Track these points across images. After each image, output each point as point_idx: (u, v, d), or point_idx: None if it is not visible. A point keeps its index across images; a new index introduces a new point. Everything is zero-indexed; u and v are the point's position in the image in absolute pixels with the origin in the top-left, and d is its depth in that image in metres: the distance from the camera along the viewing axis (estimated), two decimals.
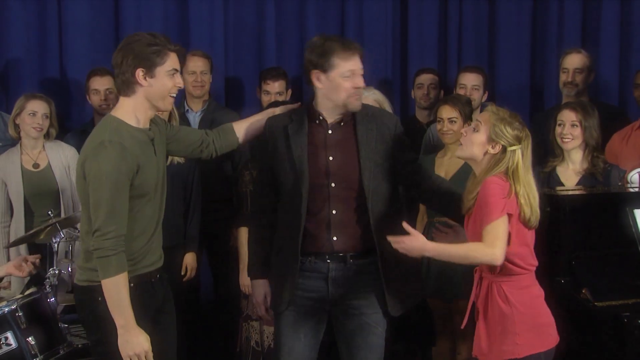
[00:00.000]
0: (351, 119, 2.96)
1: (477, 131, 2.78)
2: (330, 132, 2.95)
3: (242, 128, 3.10)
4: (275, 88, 4.38)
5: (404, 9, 5.17)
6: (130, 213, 2.71)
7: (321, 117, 2.95)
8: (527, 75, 5.22)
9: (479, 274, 2.83)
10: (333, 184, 2.91)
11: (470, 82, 4.34)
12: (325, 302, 2.96)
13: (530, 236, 2.78)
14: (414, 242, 2.70)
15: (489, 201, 2.66)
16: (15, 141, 4.08)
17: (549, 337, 2.78)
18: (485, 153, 2.76)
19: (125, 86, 2.74)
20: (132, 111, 2.75)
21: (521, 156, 2.73)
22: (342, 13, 5.10)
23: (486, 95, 4.39)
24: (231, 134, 3.08)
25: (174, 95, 2.81)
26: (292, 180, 2.90)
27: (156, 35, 2.77)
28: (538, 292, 2.80)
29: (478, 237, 2.70)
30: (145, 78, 2.71)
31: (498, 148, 2.74)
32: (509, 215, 2.68)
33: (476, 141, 2.77)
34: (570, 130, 3.65)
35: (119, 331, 2.64)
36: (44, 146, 4.04)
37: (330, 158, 2.92)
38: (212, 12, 4.83)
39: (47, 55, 4.65)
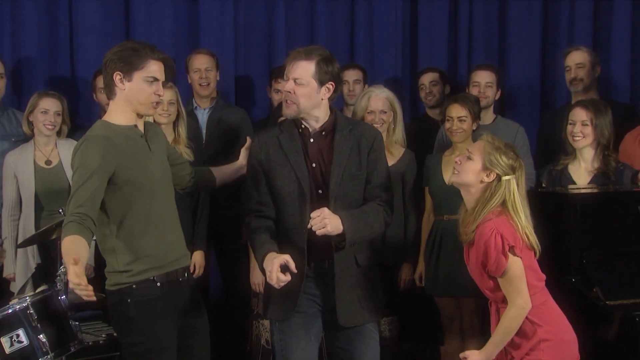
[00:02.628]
0: (332, 129, 2.98)
1: (471, 159, 2.77)
2: (312, 140, 2.96)
3: (219, 170, 3.21)
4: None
5: (414, 8, 5.17)
6: (132, 210, 2.75)
7: (303, 126, 2.97)
8: (538, 74, 5.21)
9: (495, 306, 2.81)
10: (320, 191, 2.93)
11: (483, 80, 4.33)
12: (327, 307, 2.97)
13: (532, 256, 2.76)
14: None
15: (491, 253, 2.65)
16: (28, 137, 4.10)
17: (572, 357, 2.74)
18: (481, 182, 2.75)
19: (108, 89, 2.83)
20: (116, 112, 2.82)
21: (516, 186, 2.72)
22: (351, 12, 5.10)
23: (499, 93, 4.39)
24: (208, 173, 3.19)
25: (155, 103, 2.83)
26: (292, 183, 2.91)
27: (143, 44, 2.83)
28: (555, 307, 2.77)
29: (480, 273, 2.72)
30: (122, 81, 2.77)
31: (492, 176, 2.73)
32: (511, 248, 2.66)
33: (471, 169, 2.76)
34: (581, 128, 3.64)
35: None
36: (56, 143, 4.07)
37: (313, 165, 2.95)
38: (222, 11, 4.84)
39: (57, 54, 4.67)
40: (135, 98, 2.78)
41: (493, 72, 4.37)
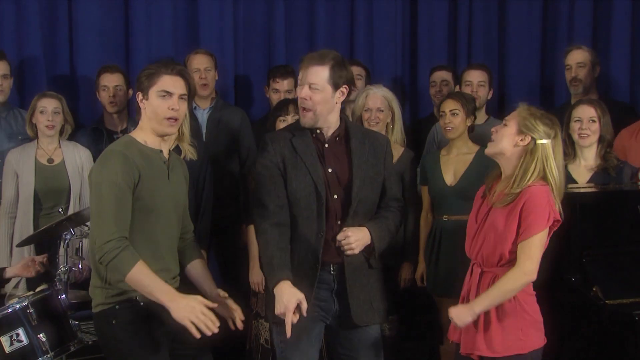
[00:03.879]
0: (345, 134, 2.99)
1: (506, 126, 2.80)
2: (326, 145, 2.96)
3: (203, 274, 3.06)
4: (284, 86, 4.39)
5: (414, 7, 5.18)
6: (141, 232, 2.72)
7: (318, 131, 2.96)
8: (537, 73, 5.22)
9: (479, 268, 2.81)
10: (335, 196, 2.93)
11: (475, 79, 4.34)
12: (329, 313, 2.97)
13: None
14: (462, 315, 2.74)
15: (533, 213, 2.66)
16: (34, 138, 4.11)
17: (542, 334, 2.81)
18: (515, 145, 2.76)
19: (137, 108, 2.87)
20: (144, 131, 2.85)
21: (552, 152, 2.73)
22: (351, 12, 5.11)
23: (491, 92, 4.39)
24: (197, 256, 3.05)
25: (169, 118, 2.80)
26: (308, 187, 2.90)
27: (160, 62, 2.89)
28: (532, 290, 2.82)
29: (503, 233, 2.72)
30: (142, 101, 2.82)
31: (527, 140, 2.74)
32: (556, 222, 2.69)
33: (505, 134, 2.78)
34: (589, 125, 3.64)
35: (169, 306, 2.61)
36: (59, 144, 4.08)
37: (329, 170, 2.95)
38: (221, 10, 4.85)
39: (57, 52, 4.67)
40: (152, 115, 2.80)
41: (485, 72, 4.39)
